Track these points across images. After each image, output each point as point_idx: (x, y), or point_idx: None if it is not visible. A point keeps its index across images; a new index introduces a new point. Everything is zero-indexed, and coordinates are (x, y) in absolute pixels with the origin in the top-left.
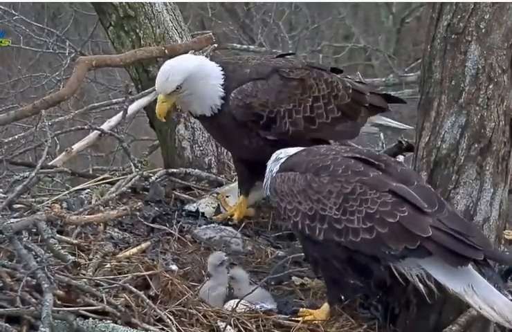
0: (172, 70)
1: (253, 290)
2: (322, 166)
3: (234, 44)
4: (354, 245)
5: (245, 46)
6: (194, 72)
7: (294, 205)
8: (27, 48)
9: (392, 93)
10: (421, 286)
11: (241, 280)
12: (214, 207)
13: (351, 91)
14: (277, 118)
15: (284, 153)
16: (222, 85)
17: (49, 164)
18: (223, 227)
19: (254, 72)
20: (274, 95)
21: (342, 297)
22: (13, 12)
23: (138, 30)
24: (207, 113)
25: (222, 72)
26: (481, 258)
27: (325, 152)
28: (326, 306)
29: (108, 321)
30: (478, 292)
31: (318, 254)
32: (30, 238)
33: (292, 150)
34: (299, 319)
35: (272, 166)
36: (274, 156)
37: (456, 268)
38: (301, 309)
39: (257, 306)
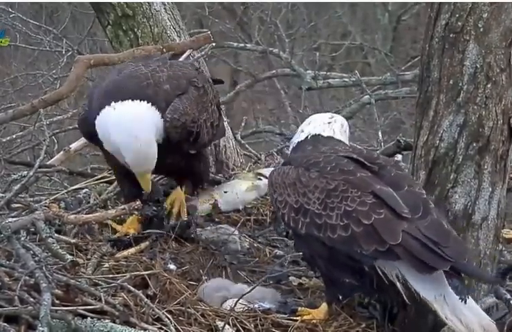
0: (143, 146)
1: (251, 290)
2: (314, 162)
3: (231, 43)
4: (331, 242)
5: (242, 44)
6: (154, 131)
7: (284, 196)
8: (24, 46)
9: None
10: (398, 285)
11: None
12: (211, 204)
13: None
14: (200, 132)
15: (305, 130)
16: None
17: (47, 163)
18: (221, 226)
19: (175, 87)
20: (196, 108)
21: (340, 297)
22: (10, 10)
23: (136, 29)
24: None
25: (154, 107)
26: (447, 268)
27: (324, 149)
28: (324, 305)
29: (107, 321)
30: (448, 302)
31: (306, 250)
32: (28, 237)
33: (314, 126)
34: (297, 318)
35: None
36: (300, 129)
37: (430, 276)
38: (299, 308)
39: (256, 306)
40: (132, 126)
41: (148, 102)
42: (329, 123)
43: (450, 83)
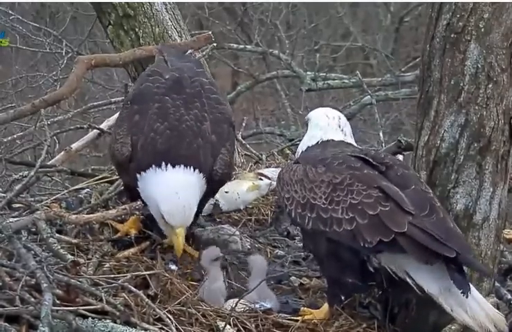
0: (183, 199)
1: (252, 290)
2: (321, 159)
3: (232, 44)
4: (337, 236)
5: (242, 46)
6: (200, 187)
7: (291, 193)
8: (24, 47)
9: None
10: (408, 280)
11: (257, 268)
12: (211, 204)
13: None
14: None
15: (317, 135)
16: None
17: (48, 163)
18: (222, 226)
19: (220, 136)
20: (234, 152)
21: (342, 297)
22: (10, 12)
23: (137, 29)
24: None
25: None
26: (452, 255)
27: (333, 150)
28: (325, 306)
29: (108, 321)
30: (454, 295)
31: (313, 247)
32: (29, 237)
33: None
34: (298, 318)
35: (304, 137)
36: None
37: (434, 271)
38: (301, 308)
39: (257, 306)
40: (176, 184)
41: (200, 171)
42: (339, 126)
43: (451, 83)
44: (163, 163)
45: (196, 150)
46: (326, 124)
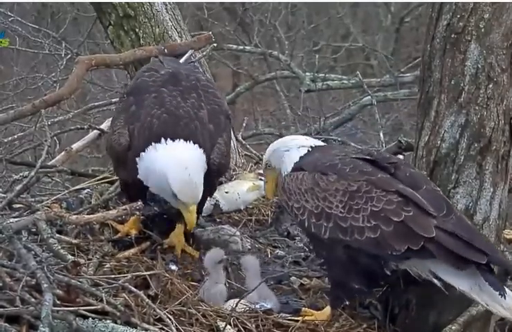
0: (193, 176)
1: (252, 290)
2: (330, 165)
3: (231, 45)
4: (359, 244)
5: (241, 47)
6: (202, 167)
7: (301, 203)
8: (23, 49)
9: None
10: (436, 281)
11: (250, 268)
12: (211, 204)
13: None
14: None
15: (296, 151)
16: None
17: (49, 163)
18: (222, 227)
19: (217, 126)
20: (230, 144)
21: (346, 301)
22: (9, 13)
23: (137, 30)
24: None
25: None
26: (484, 261)
27: (335, 152)
28: (328, 308)
29: (108, 321)
30: (485, 290)
31: (326, 253)
32: (30, 238)
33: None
34: (298, 318)
35: (286, 159)
36: (292, 148)
37: (463, 272)
38: (303, 309)
39: (257, 306)
40: (182, 157)
41: (199, 146)
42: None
43: (452, 83)
44: (162, 139)
45: (194, 130)
46: (301, 137)
